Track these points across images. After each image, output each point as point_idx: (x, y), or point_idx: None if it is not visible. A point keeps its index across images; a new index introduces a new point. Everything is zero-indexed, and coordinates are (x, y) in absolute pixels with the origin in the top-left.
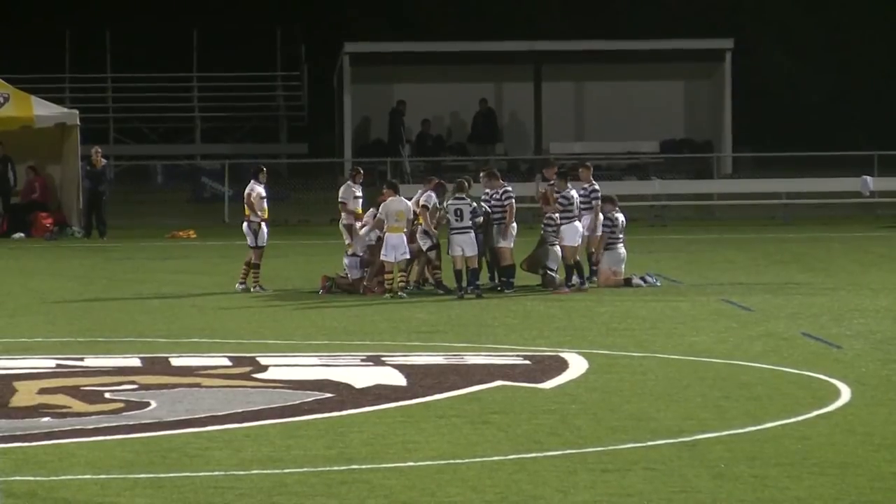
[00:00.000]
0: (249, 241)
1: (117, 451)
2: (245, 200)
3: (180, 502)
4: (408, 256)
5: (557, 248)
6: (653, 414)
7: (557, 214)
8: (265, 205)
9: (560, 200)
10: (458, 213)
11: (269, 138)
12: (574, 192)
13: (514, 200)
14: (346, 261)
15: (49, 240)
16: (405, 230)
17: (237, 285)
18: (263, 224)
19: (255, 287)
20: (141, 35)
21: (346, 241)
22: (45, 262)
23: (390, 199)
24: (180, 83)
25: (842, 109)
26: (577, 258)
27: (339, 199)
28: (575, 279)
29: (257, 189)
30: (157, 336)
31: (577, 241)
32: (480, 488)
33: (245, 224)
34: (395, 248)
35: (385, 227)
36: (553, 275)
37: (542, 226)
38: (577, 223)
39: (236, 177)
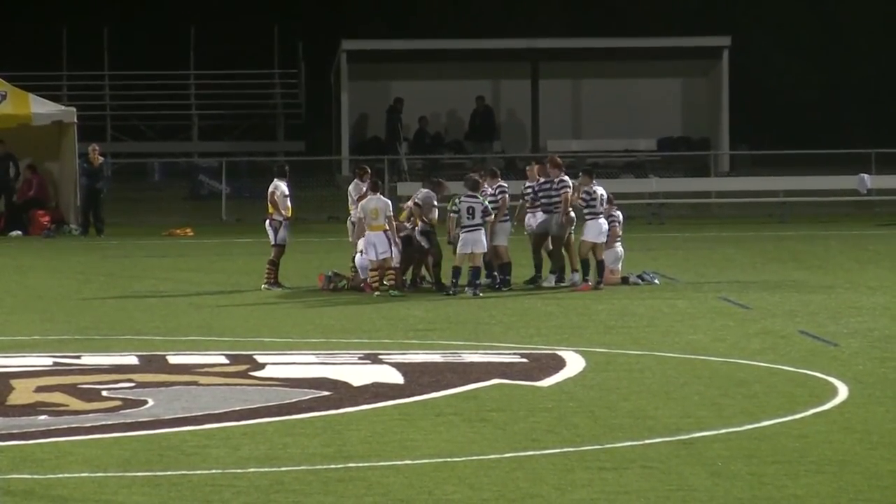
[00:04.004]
0: (271, 238)
1: (114, 450)
2: (269, 198)
3: (177, 500)
4: (388, 255)
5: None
6: (650, 412)
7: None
8: (289, 203)
9: (583, 196)
10: (471, 212)
11: (267, 136)
12: (599, 189)
13: (507, 195)
14: (357, 259)
15: (46, 237)
16: (385, 228)
17: (262, 286)
18: (286, 223)
19: (265, 285)
20: (138, 33)
21: (351, 239)
22: (43, 259)
23: (368, 197)
24: (177, 80)
25: (839, 107)
26: (602, 257)
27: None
28: (577, 276)
29: (281, 187)
30: (154, 334)
31: (601, 239)
32: (478, 486)
33: (267, 222)
34: (374, 247)
35: (365, 225)
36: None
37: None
38: (601, 220)
39: (233, 174)
